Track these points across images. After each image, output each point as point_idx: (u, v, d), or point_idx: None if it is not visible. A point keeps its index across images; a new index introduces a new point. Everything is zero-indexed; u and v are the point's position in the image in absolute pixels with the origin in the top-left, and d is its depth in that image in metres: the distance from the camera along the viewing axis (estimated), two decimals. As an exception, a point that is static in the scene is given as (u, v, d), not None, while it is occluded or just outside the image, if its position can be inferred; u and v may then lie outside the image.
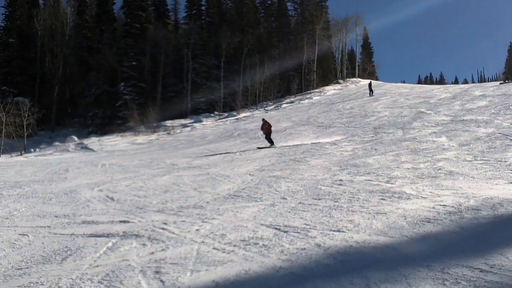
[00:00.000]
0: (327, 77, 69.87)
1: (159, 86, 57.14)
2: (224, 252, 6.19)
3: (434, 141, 17.20)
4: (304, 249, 6.17)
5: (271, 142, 24.18)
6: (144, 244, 6.76)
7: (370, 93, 46.90)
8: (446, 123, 21.63)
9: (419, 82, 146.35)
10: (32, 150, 42.47)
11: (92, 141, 44.01)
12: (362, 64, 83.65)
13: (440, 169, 11.69)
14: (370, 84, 49.50)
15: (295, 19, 73.52)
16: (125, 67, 55.84)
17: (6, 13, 63.12)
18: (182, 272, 5.35)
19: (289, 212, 8.54)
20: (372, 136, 21.45)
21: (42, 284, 5.08)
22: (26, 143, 43.13)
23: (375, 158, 14.88)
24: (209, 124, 47.48)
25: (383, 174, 11.72)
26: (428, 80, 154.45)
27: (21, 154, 40.04)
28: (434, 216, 7.32)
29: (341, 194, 9.80)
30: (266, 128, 24.89)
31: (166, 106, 56.19)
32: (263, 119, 26.12)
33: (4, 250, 6.72)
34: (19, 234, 7.70)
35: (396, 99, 38.44)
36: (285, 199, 9.85)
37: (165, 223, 8.05)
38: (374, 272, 5.12)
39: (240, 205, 9.49)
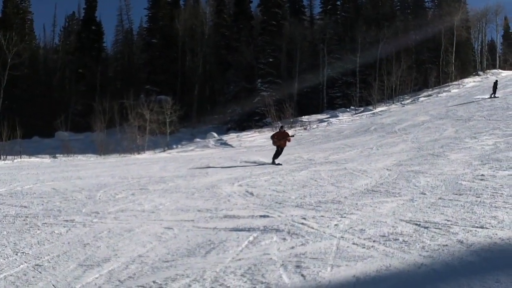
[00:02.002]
0: (466, 69, 67.02)
1: (295, 82, 57.43)
2: (363, 247, 6.13)
3: None
4: (446, 245, 6.00)
5: (275, 157, 19.87)
6: (284, 239, 6.80)
7: (492, 95, 39.21)
8: None
9: None
10: (175, 146, 44.12)
11: (231, 137, 45.00)
12: (503, 55, 79.61)
13: None
14: (495, 84, 40.43)
15: (432, 11, 71.28)
16: (262, 63, 56.63)
17: (150, 14, 66.23)
18: (323, 267, 5.34)
19: (429, 207, 8.33)
20: (516, 130, 20.46)
21: (187, 276, 5.21)
22: (168, 139, 44.89)
23: (520, 152, 14.21)
24: (345, 119, 47.14)
25: (529, 169, 11.17)
26: None
27: (164, 151, 41.71)
28: None
29: (483, 190, 9.44)
30: (279, 138, 20.43)
31: (302, 101, 56.48)
32: (281, 127, 21.59)
33: (151, 243, 6.93)
34: (165, 228, 7.94)
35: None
36: (425, 194, 9.63)
37: (304, 218, 8.07)
38: (522, 270, 4.91)
39: (379, 200, 9.37)
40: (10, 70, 55.95)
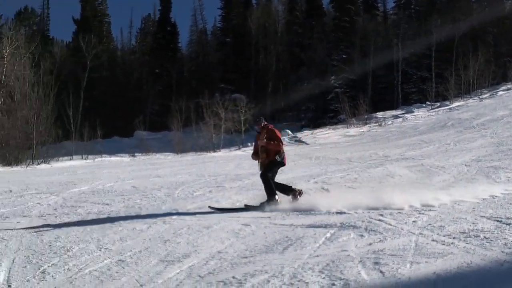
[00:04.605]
0: (548, 61, 64.60)
1: (369, 78, 56.83)
2: (443, 244, 6.03)
3: None
4: (530, 242, 5.88)
5: (268, 189, 10.31)
6: (361, 235, 6.76)
7: None
8: None
9: None
10: (249, 144, 44.40)
11: (305, 134, 45.01)
12: None
13: None
14: None
15: (510, 3, 68.97)
16: (335, 60, 56.29)
17: (223, 14, 67.13)
18: (402, 264, 5.28)
19: (511, 203, 8.18)
20: None
21: (266, 272, 5.22)
22: (243, 137, 45.26)
23: None
24: (421, 115, 46.30)
25: None
26: None
27: (239, 148, 42.14)
28: None
29: None
30: (264, 144, 10.55)
31: (376, 97, 55.85)
32: (262, 123, 10.91)
33: (230, 240, 6.99)
34: (242, 224, 8.01)
35: None
36: (506, 190, 9.43)
37: (381, 215, 8.01)
38: None
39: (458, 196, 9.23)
40: (89, 72, 57.71)
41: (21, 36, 48.20)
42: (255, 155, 11.12)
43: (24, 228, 8.55)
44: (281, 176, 15.19)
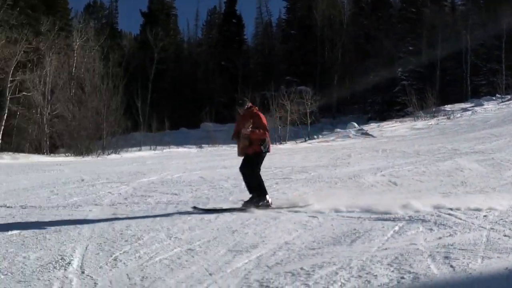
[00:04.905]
0: None
1: (437, 70, 55.75)
2: (516, 239, 5.99)
3: None
4: None
5: (253, 187, 9.37)
6: (430, 229, 6.72)
7: None
8: None
9: None
10: (315, 136, 44.47)
11: (372, 127, 44.65)
12: None
13: None
14: None
15: None
16: (402, 52, 55.49)
17: (288, 6, 67.17)
18: (473, 259, 5.22)
19: None
20: None
21: (334, 264, 5.19)
22: (309, 129, 45.29)
23: None
24: (490, 108, 45.25)
25: None
26: None
27: (305, 141, 42.20)
28: None
29: None
30: (248, 133, 9.28)
31: (444, 90, 54.82)
32: (246, 105, 9.83)
33: (297, 231, 6.98)
34: (309, 216, 7.99)
35: None
36: None
37: (451, 209, 7.94)
38: None
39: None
40: (156, 64, 58.75)
41: (90, 29, 49.84)
42: (236, 137, 9.75)
43: (95, 217, 8.80)
44: (348, 169, 15.27)
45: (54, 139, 39.69)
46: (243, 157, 9.56)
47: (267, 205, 9.04)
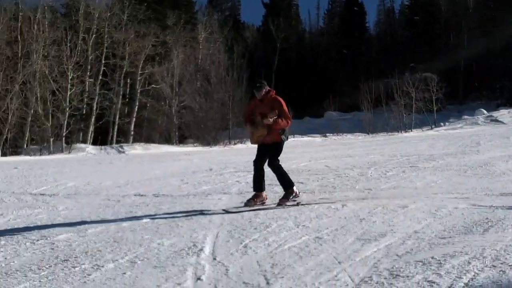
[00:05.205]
0: None
1: None
2: None
3: None
4: None
5: (284, 179, 8.89)
6: None
7: None
8: None
9: None
10: (442, 124, 43.50)
11: (502, 113, 43.10)
12: None
13: None
14: None
15: None
16: (534, 34, 52.93)
17: (410, -9, 65.52)
18: None
19: None
20: None
21: (466, 254, 5.04)
22: (435, 117, 44.33)
23: None
24: None
25: None
26: None
27: (431, 128, 41.45)
28: None
29: None
30: (270, 123, 8.49)
31: None
32: (264, 90, 8.94)
33: (426, 220, 6.85)
34: (438, 205, 7.86)
35: None
36: None
37: None
38: None
39: None
40: (279, 54, 59.33)
41: (214, 22, 51.12)
42: (250, 125, 8.74)
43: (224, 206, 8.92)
44: (478, 157, 14.94)
45: (183, 129, 41.28)
46: (257, 146, 8.97)
47: (296, 197, 8.69)
